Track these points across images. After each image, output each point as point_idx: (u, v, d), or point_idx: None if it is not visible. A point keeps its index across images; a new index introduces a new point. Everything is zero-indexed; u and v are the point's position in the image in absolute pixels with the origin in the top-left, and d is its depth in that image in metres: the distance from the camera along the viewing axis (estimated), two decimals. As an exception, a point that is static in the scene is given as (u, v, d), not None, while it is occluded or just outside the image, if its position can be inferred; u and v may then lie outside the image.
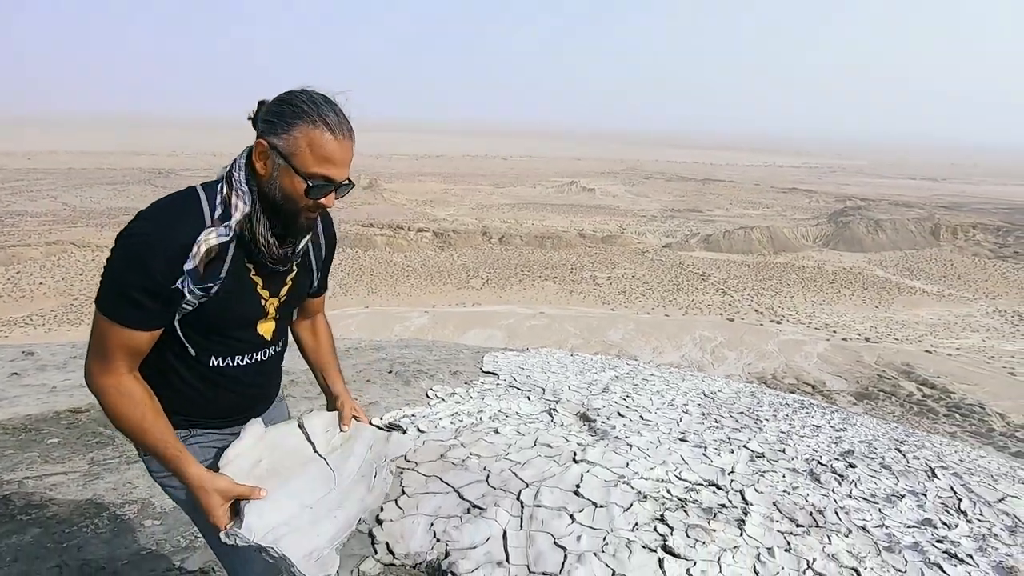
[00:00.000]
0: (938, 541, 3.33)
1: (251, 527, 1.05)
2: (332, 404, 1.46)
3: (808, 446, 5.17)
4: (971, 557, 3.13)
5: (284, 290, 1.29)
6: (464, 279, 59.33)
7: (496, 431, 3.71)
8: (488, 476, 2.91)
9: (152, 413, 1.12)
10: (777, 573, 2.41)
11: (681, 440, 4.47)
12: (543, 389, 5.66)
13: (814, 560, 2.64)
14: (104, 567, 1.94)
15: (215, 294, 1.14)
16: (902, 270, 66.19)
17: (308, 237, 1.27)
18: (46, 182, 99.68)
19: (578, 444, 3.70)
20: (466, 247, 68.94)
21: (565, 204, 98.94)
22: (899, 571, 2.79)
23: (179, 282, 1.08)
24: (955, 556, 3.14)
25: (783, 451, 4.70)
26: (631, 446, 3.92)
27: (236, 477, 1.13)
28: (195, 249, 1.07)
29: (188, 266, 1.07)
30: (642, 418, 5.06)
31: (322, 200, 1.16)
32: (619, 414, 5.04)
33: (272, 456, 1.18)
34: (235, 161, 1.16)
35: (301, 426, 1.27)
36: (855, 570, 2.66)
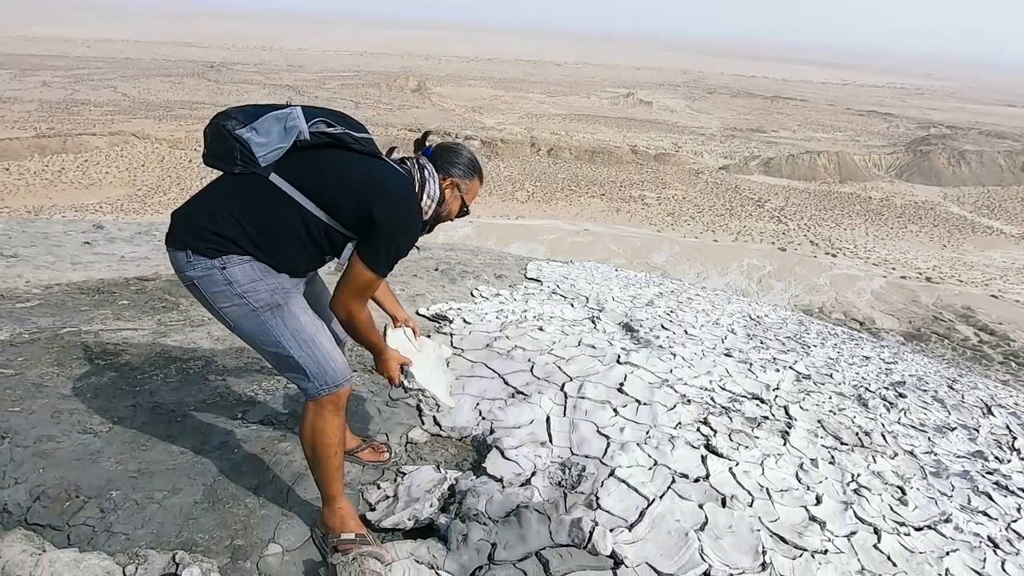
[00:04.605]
0: (988, 473, 3.23)
1: (415, 378, 1.83)
2: (401, 323, 2.03)
3: (857, 374, 5.03)
4: (1023, 491, 3.03)
5: None
6: (509, 191, 58.56)
7: (541, 329, 3.71)
8: (532, 367, 2.93)
9: (373, 323, 1.70)
10: (820, 482, 2.39)
11: (726, 355, 4.39)
12: (587, 298, 5.60)
13: (858, 475, 2.60)
14: (174, 410, 2.09)
15: None
16: (981, 208, 61.16)
17: None
18: (106, 71, 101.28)
19: (622, 348, 3.68)
20: (513, 158, 67.35)
21: (619, 117, 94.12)
22: (945, 495, 2.73)
23: None
24: (1005, 488, 3.05)
25: (830, 376, 4.58)
26: (675, 355, 3.88)
27: None
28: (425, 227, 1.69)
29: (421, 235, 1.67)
30: (686, 332, 4.98)
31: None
32: (663, 327, 4.97)
33: (400, 348, 1.88)
34: (424, 172, 1.66)
35: (404, 334, 1.98)
36: (900, 488, 2.61)
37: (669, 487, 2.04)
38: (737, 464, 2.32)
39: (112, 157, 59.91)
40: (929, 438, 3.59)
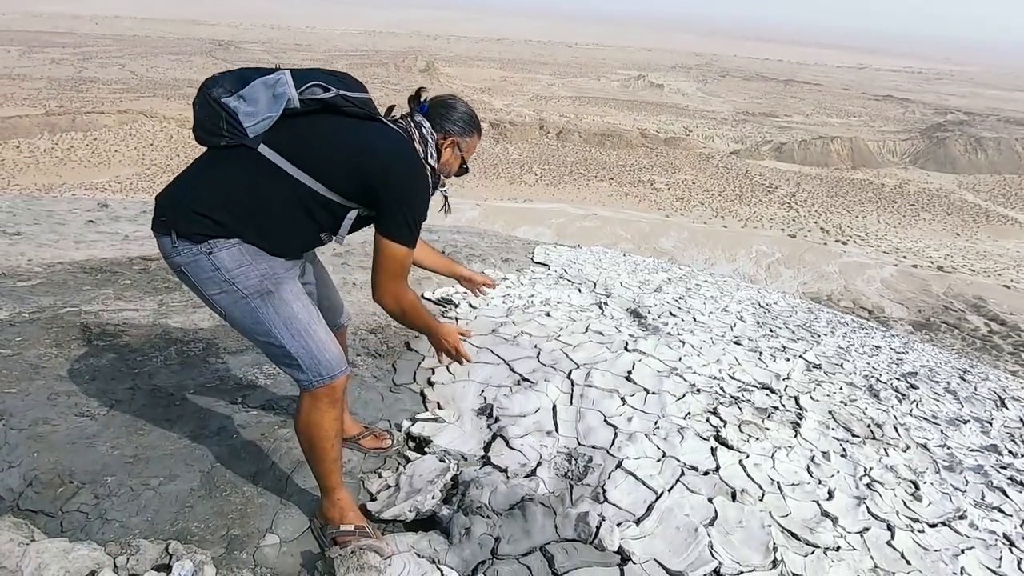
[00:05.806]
0: (1002, 467, 3.16)
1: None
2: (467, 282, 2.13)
3: (868, 363, 4.94)
4: (1038, 486, 2.96)
5: None
6: (518, 174, 58.13)
7: (548, 315, 3.65)
8: (539, 354, 2.88)
9: (422, 304, 1.67)
10: (832, 476, 2.33)
11: (735, 343, 4.31)
12: (594, 283, 5.52)
13: (871, 468, 2.54)
14: (173, 394, 2.05)
15: None
16: (996, 196, 60.12)
17: None
18: (113, 49, 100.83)
19: (630, 335, 3.61)
20: (522, 140, 66.73)
21: (630, 100, 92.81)
22: (959, 490, 2.67)
23: None
24: (1020, 483, 2.98)
25: (840, 365, 4.50)
26: (683, 343, 3.80)
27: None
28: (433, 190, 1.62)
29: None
30: (695, 319, 4.90)
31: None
32: (671, 313, 4.89)
33: None
34: (421, 131, 1.58)
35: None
36: (913, 483, 2.55)
37: (678, 480, 1.99)
38: (747, 456, 2.26)
39: (121, 136, 59.87)
40: (942, 431, 3.51)
